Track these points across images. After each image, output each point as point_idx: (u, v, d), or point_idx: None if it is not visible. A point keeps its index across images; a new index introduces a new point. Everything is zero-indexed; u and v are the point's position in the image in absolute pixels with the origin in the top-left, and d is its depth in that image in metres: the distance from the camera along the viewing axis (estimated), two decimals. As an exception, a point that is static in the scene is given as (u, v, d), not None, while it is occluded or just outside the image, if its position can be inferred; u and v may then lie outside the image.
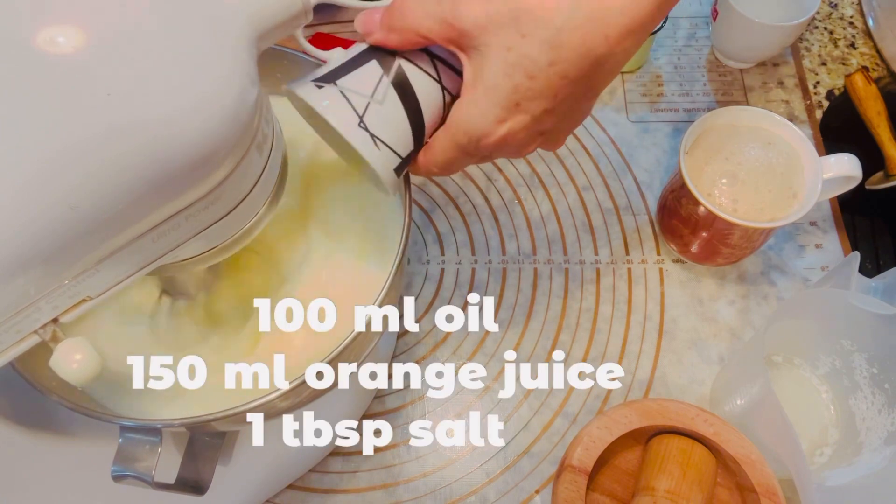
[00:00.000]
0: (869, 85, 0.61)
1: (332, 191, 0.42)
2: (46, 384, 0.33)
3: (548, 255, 0.59)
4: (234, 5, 0.27)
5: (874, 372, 0.47)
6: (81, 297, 0.28)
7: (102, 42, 0.23)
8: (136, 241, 0.27)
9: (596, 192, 0.61)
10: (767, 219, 0.49)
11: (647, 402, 0.42)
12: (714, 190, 0.50)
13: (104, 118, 0.23)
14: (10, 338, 0.26)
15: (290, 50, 0.40)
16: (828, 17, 0.70)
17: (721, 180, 0.50)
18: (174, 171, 0.25)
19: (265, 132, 0.30)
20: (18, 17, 0.23)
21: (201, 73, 0.25)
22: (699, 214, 0.50)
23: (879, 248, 0.60)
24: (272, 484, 0.49)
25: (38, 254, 0.24)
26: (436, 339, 0.56)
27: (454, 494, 0.50)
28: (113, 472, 0.34)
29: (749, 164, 0.50)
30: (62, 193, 0.23)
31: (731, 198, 0.49)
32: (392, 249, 0.37)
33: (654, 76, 0.67)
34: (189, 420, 0.33)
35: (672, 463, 0.41)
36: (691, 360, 0.55)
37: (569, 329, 0.56)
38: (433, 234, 0.60)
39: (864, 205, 0.60)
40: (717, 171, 0.50)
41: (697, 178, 0.50)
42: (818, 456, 0.50)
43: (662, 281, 0.58)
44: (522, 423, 0.53)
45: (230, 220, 0.30)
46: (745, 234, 0.49)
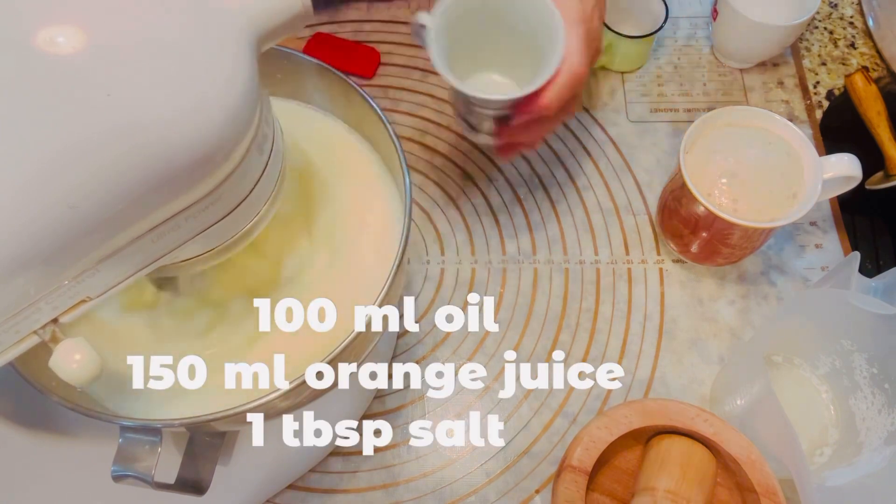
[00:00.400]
0: (869, 85, 0.61)
1: (333, 190, 0.42)
2: (46, 384, 0.33)
3: (548, 255, 0.59)
4: (235, 6, 0.27)
5: (874, 372, 0.47)
6: (81, 297, 0.28)
7: (103, 42, 0.24)
8: (136, 241, 0.27)
9: (596, 192, 0.61)
10: (767, 219, 0.49)
11: (647, 402, 0.42)
12: (714, 190, 0.50)
13: (104, 119, 0.23)
14: (10, 338, 0.26)
15: (291, 50, 0.40)
16: (828, 17, 0.70)
17: (721, 180, 0.50)
18: (174, 172, 0.25)
19: (265, 132, 0.30)
20: (18, 17, 0.23)
21: (202, 74, 0.25)
22: (699, 214, 0.50)
23: (879, 248, 0.60)
24: (272, 484, 0.49)
25: (38, 254, 0.24)
26: (436, 339, 0.56)
27: (454, 494, 0.50)
28: (113, 472, 0.34)
29: (749, 163, 0.50)
30: (62, 193, 0.23)
31: (732, 197, 0.49)
32: (392, 249, 0.37)
33: (654, 76, 0.67)
34: (189, 420, 0.33)
35: (672, 463, 0.41)
36: (691, 360, 0.55)
37: (569, 329, 0.56)
38: (433, 234, 0.60)
39: (864, 205, 0.60)
40: (717, 170, 0.50)
41: (697, 178, 0.50)
42: (818, 456, 0.50)
43: (662, 281, 0.58)
44: (522, 423, 0.53)
45: (230, 221, 0.30)
46: (745, 234, 0.49)
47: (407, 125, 0.64)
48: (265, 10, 0.28)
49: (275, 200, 0.33)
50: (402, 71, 0.67)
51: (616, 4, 0.63)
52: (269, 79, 0.43)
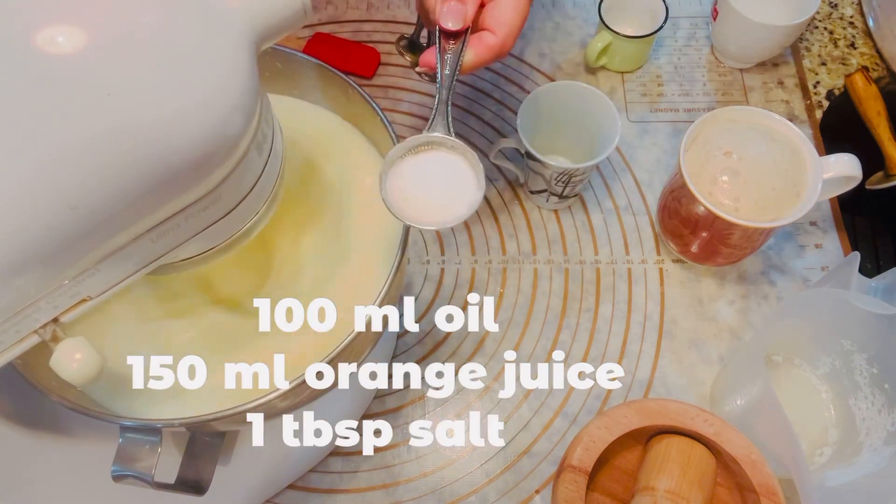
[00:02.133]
0: (869, 85, 0.61)
1: (333, 190, 0.42)
2: (46, 384, 0.33)
3: (548, 255, 0.59)
4: (235, 5, 0.27)
5: (874, 372, 0.47)
6: (81, 297, 0.28)
7: (102, 42, 0.23)
8: (136, 241, 0.27)
9: (596, 192, 0.61)
10: (769, 218, 0.48)
11: (647, 402, 0.42)
12: (715, 189, 0.50)
13: (104, 118, 0.23)
14: (10, 338, 0.26)
15: (291, 50, 0.40)
16: (828, 17, 0.70)
17: (722, 177, 0.50)
18: (174, 172, 0.25)
19: (265, 132, 0.30)
20: (18, 17, 0.23)
21: (201, 74, 0.25)
22: (699, 214, 0.50)
23: (879, 248, 0.60)
24: (272, 484, 0.49)
25: (38, 254, 0.24)
26: (436, 339, 0.56)
27: (454, 494, 0.50)
28: (113, 472, 0.34)
29: (751, 160, 0.50)
30: (62, 193, 0.23)
31: (733, 196, 0.49)
32: (392, 249, 0.37)
33: (654, 76, 0.67)
34: (189, 420, 0.33)
35: (672, 463, 0.41)
36: (691, 360, 0.55)
37: (569, 329, 0.56)
38: (433, 234, 0.60)
39: (864, 205, 0.60)
40: (717, 167, 0.50)
41: (697, 176, 0.50)
42: (818, 456, 0.50)
43: (662, 281, 0.58)
44: (522, 423, 0.53)
45: (230, 220, 0.30)
46: (746, 233, 0.49)
47: (407, 125, 0.64)
48: (265, 10, 0.28)
49: (274, 200, 0.33)
50: (403, 71, 0.67)
51: (616, 4, 0.63)
52: (269, 77, 0.43)
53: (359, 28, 0.69)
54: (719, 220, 0.48)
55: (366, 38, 0.68)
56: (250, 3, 0.28)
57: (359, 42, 0.67)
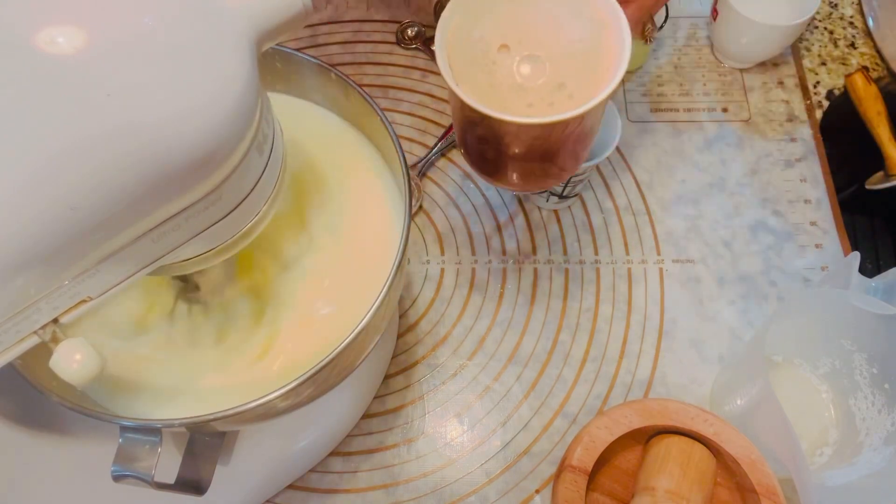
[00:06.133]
0: (869, 85, 0.61)
1: (333, 190, 0.42)
2: (46, 384, 0.33)
3: (548, 255, 0.59)
4: (235, 6, 0.27)
5: (874, 372, 0.47)
6: (81, 297, 0.28)
7: (103, 42, 0.23)
8: (136, 241, 0.27)
9: (596, 192, 0.61)
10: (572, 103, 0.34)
11: (647, 401, 0.42)
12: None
13: (104, 119, 0.23)
14: (10, 338, 0.26)
15: (291, 50, 0.40)
16: (828, 17, 0.70)
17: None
18: (174, 172, 0.25)
19: (265, 132, 0.30)
20: (18, 17, 0.23)
21: (202, 74, 0.25)
22: (476, 120, 0.35)
23: (879, 248, 0.60)
24: (272, 484, 0.49)
25: (38, 254, 0.24)
26: (436, 339, 0.56)
27: (454, 494, 0.50)
28: (113, 472, 0.34)
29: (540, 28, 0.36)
30: (62, 193, 0.23)
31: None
32: (392, 249, 0.37)
33: (654, 76, 0.67)
34: (189, 420, 0.33)
35: (672, 463, 0.41)
36: (691, 360, 0.55)
37: (569, 329, 0.56)
38: (433, 234, 0.60)
39: (864, 205, 0.60)
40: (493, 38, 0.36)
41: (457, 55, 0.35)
42: (818, 456, 0.50)
43: (662, 281, 0.58)
44: (522, 423, 0.53)
45: (230, 221, 0.30)
46: (546, 134, 0.35)
47: (407, 125, 0.64)
48: (265, 10, 0.28)
49: (275, 200, 0.33)
50: (403, 71, 0.67)
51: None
52: (269, 77, 0.43)
53: (359, 28, 0.69)
54: (489, 119, 0.35)
55: (366, 37, 0.68)
56: (251, 4, 0.28)
57: (359, 42, 0.67)
